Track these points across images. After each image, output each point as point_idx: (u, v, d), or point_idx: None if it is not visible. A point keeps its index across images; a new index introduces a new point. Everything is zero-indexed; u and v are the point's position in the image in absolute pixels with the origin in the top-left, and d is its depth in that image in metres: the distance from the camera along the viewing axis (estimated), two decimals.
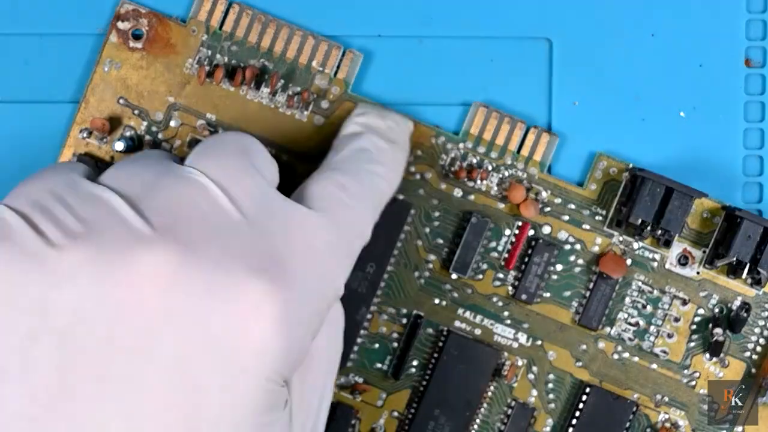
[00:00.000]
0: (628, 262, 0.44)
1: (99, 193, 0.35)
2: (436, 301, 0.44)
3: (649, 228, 0.43)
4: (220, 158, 0.36)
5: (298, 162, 0.44)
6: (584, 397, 0.44)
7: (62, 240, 0.34)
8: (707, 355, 0.44)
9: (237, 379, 0.33)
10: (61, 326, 0.33)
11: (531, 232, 0.44)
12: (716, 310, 0.44)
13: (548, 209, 0.44)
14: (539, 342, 0.44)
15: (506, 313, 0.44)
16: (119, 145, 0.43)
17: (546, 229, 0.44)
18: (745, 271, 0.43)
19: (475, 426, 0.44)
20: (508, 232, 0.44)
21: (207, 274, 0.34)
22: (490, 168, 0.44)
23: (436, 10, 0.44)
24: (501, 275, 0.44)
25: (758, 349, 0.44)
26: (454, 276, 0.44)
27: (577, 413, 0.44)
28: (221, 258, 0.34)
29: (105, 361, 0.33)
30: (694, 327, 0.44)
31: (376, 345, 0.44)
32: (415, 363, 0.44)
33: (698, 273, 0.44)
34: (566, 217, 0.44)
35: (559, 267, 0.44)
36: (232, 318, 0.33)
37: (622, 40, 0.44)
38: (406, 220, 0.43)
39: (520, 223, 0.44)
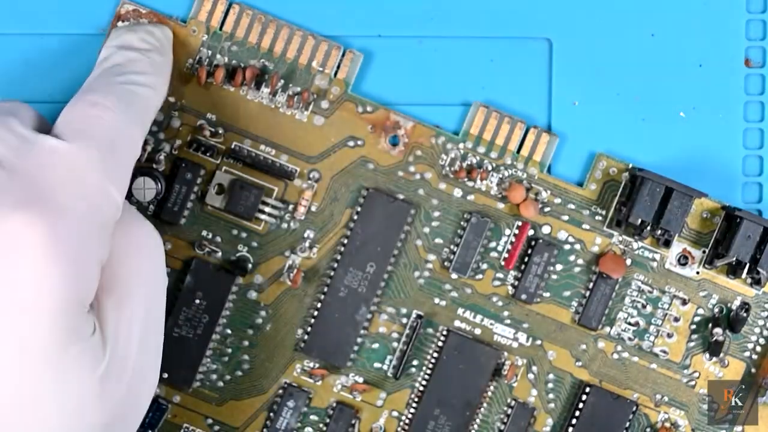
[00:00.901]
0: (628, 262, 0.44)
1: None
2: (436, 301, 0.44)
3: (648, 228, 0.43)
4: None
5: (299, 162, 0.44)
6: (584, 397, 0.44)
7: None
8: (707, 355, 0.44)
9: (20, 317, 0.34)
10: None
11: (531, 232, 0.44)
12: (716, 310, 0.44)
13: (548, 209, 0.44)
14: (539, 342, 0.44)
15: (506, 313, 0.44)
16: None
17: (546, 229, 0.44)
18: (745, 271, 0.43)
19: (475, 426, 0.44)
20: (508, 232, 0.44)
21: None
22: (490, 168, 0.44)
23: (437, 10, 0.44)
24: (501, 275, 0.44)
25: (758, 348, 0.44)
26: (454, 276, 0.44)
27: (577, 413, 0.44)
28: None
29: None
30: (693, 327, 0.44)
31: (376, 345, 0.44)
32: (415, 363, 0.44)
33: (698, 273, 0.44)
34: (566, 217, 0.44)
35: (558, 267, 0.44)
36: None
37: (622, 40, 0.44)
38: (406, 220, 0.44)
39: (519, 223, 0.44)
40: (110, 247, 0.37)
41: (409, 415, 0.44)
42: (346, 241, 0.43)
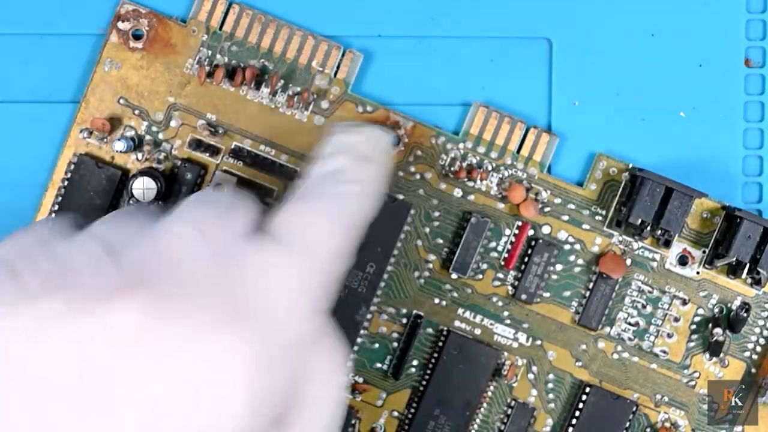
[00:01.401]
0: (628, 262, 0.44)
1: (77, 244, 0.35)
2: (436, 301, 0.44)
3: (649, 228, 0.43)
4: (193, 211, 0.37)
5: (298, 162, 0.44)
6: (584, 397, 0.44)
7: (37, 290, 0.33)
8: (707, 355, 0.44)
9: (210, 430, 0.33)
10: (35, 375, 0.32)
11: (531, 232, 0.44)
12: (716, 310, 0.44)
13: (548, 209, 0.44)
14: (539, 342, 0.44)
15: (506, 313, 0.44)
16: (119, 145, 0.43)
17: (546, 229, 0.44)
18: (745, 271, 0.43)
19: (475, 426, 0.44)
20: (508, 232, 0.44)
21: (175, 325, 0.33)
22: (489, 168, 0.44)
23: (436, 10, 0.44)
24: (501, 275, 0.44)
25: (758, 349, 0.44)
26: (454, 276, 0.44)
27: (577, 413, 0.44)
28: (190, 308, 0.33)
29: (75, 409, 0.32)
30: (693, 327, 0.44)
31: (376, 345, 0.44)
32: (415, 363, 0.44)
33: (698, 273, 0.44)
34: (566, 217, 0.44)
35: (558, 267, 0.44)
36: (201, 368, 0.33)
37: (622, 40, 0.44)
38: (406, 220, 0.44)
39: (519, 223, 0.44)
40: (303, 366, 0.36)
41: (409, 415, 0.44)
42: None
